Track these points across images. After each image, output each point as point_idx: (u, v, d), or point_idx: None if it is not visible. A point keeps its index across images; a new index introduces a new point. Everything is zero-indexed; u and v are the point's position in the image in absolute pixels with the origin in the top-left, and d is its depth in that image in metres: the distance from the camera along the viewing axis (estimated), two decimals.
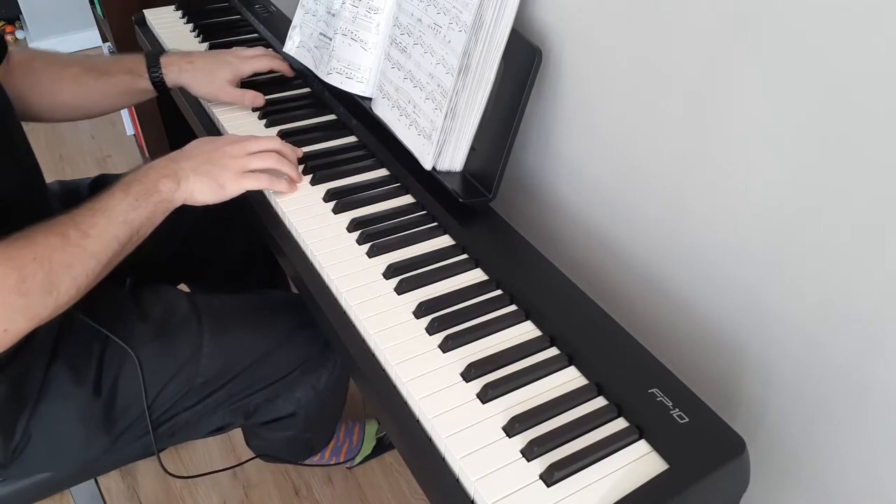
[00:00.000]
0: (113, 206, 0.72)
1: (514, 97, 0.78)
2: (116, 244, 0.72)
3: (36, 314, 0.65)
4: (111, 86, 0.97)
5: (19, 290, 0.63)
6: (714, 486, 0.56)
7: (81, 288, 0.69)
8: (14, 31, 3.04)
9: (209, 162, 0.79)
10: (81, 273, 0.68)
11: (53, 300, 0.66)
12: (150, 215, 0.75)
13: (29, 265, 0.64)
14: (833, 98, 0.53)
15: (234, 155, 0.81)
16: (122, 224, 0.72)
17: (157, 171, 0.77)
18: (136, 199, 0.74)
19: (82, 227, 0.69)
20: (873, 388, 0.58)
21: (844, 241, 0.56)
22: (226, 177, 0.79)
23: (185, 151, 0.80)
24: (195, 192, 0.78)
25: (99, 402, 0.80)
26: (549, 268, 0.75)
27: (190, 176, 0.78)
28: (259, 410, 0.91)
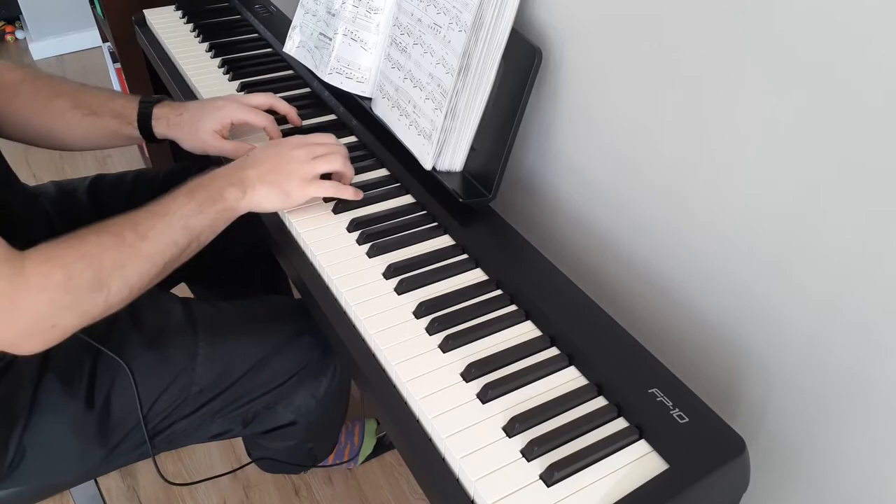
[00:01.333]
0: (174, 211, 0.72)
1: (514, 97, 0.78)
2: (174, 249, 0.71)
3: (85, 311, 0.66)
4: (97, 127, 0.92)
5: (66, 288, 0.63)
6: (714, 486, 0.56)
7: (135, 289, 0.69)
8: (14, 31, 3.04)
9: (276, 170, 0.78)
10: (134, 274, 0.68)
11: (104, 298, 0.66)
12: (212, 223, 0.74)
13: (76, 263, 0.64)
14: (834, 97, 0.53)
15: (301, 160, 0.79)
16: (182, 229, 0.72)
17: (223, 178, 0.76)
18: (200, 205, 0.73)
19: (140, 228, 0.69)
20: (874, 387, 0.58)
21: (845, 240, 0.56)
22: (292, 185, 0.78)
23: (251, 158, 0.79)
24: (261, 200, 0.77)
25: (92, 414, 0.79)
26: (549, 268, 0.75)
27: (256, 185, 0.76)
28: (258, 418, 0.90)
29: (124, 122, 0.92)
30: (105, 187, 1.04)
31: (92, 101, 0.92)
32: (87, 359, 0.80)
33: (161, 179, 1.07)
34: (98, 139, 0.95)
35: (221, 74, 1.13)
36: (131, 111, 0.92)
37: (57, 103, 0.90)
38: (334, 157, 0.81)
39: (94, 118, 0.92)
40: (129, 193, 1.04)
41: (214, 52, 1.19)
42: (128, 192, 1.04)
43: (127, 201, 1.03)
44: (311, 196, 0.80)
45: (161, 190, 1.05)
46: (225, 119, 0.91)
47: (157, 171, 1.10)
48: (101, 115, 0.92)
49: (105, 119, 0.92)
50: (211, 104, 0.93)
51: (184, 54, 1.19)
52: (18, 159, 0.87)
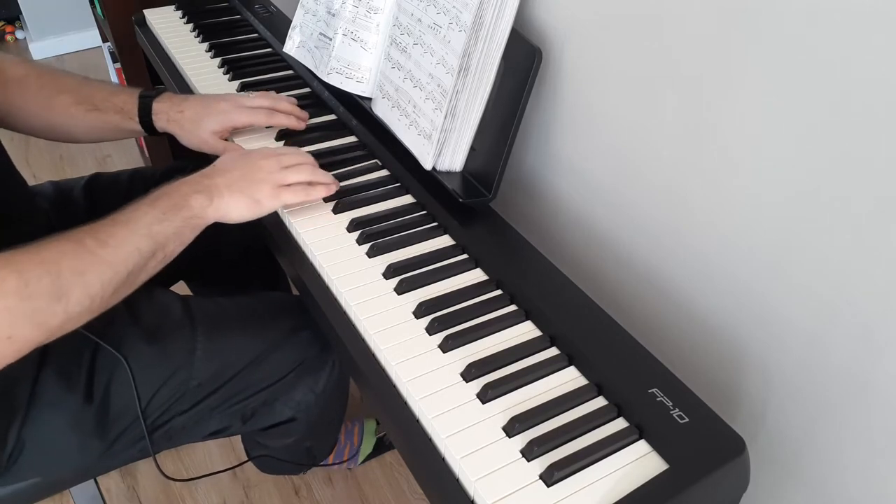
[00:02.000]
0: (136, 218, 0.70)
1: (514, 97, 0.78)
2: (137, 256, 0.69)
3: (43, 321, 0.63)
4: (101, 122, 0.94)
5: (21, 294, 0.60)
6: (714, 486, 0.56)
7: (96, 300, 0.66)
8: (14, 31, 3.04)
9: (244, 178, 0.77)
10: (95, 281, 0.66)
11: (63, 308, 0.63)
12: (177, 231, 0.73)
13: (34, 269, 0.62)
14: (834, 98, 0.53)
15: (270, 169, 0.78)
16: (145, 236, 0.70)
17: (188, 185, 0.75)
18: (163, 213, 0.72)
19: (100, 235, 0.67)
20: (874, 387, 0.58)
21: (845, 240, 0.56)
22: (262, 192, 0.77)
23: (217, 167, 0.78)
24: (230, 209, 0.76)
25: (91, 408, 0.79)
26: (549, 268, 0.75)
27: (224, 192, 0.75)
28: (257, 414, 0.90)
29: (126, 117, 0.94)
30: (102, 186, 1.04)
31: (95, 96, 0.94)
32: (85, 353, 0.80)
33: (157, 178, 1.07)
34: (102, 133, 0.97)
35: (221, 74, 1.13)
36: (132, 106, 0.93)
37: (61, 99, 0.92)
38: (303, 167, 0.81)
39: (98, 113, 0.93)
40: (125, 192, 1.04)
41: (214, 51, 1.19)
42: (124, 191, 1.04)
43: (124, 200, 1.03)
44: (283, 203, 0.79)
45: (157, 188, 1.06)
46: (228, 123, 0.93)
47: (153, 169, 1.11)
48: (104, 111, 0.94)
49: (108, 114, 0.94)
50: (214, 105, 0.93)
51: (184, 54, 1.19)
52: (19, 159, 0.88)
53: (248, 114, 0.93)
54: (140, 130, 0.95)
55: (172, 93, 0.96)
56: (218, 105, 0.93)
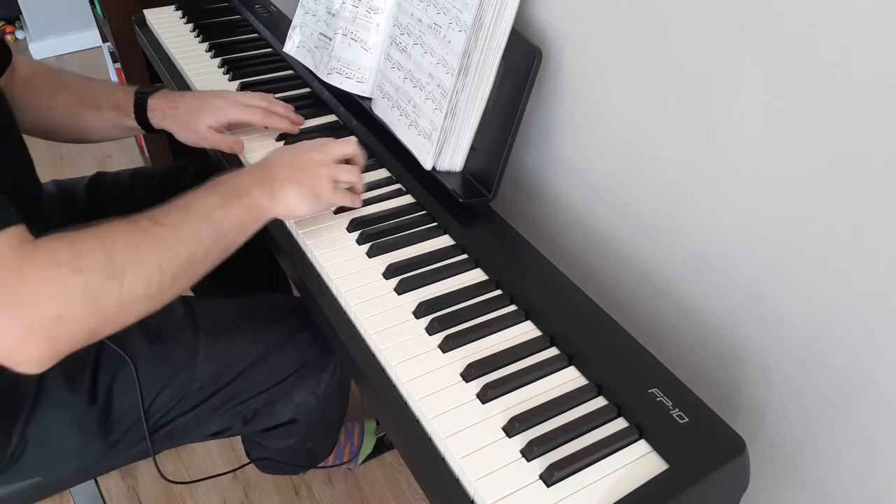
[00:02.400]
0: (194, 202, 0.68)
1: (514, 97, 0.78)
2: (196, 240, 0.66)
3: (97, 301, 0.58)
4: (99, 120, 0.94)
5: (74, 266, 0.57)
6: (714, 486, 0.56)
7: (153, 280, 0.62)
8: (14, 31, 3.04)
9: (301, 169, 0.75)
10: (152, 260, 0.62)
11: (118, 286, 0.59)
12: (239, 219, 0.70)
13: (87, 242, 0.59)
14: (834, 97, 0.53)
15: (322, 162, 0.77)
16: (205, 220, 0.67)
17: (248, 174, 0.73)
18: (224, 199, 0.69)
19: (157, 216, 0.65)
20: (874, 387, 0.58)
21: (845, 240, 0.56)
22: (321, 187, 0.75)
23: (274, 161, 0.76)
24: (292, 204, 0.74)
25: (95, 408, 0.80)
26: (549, 268, 0.75)
27: (286, 185, 0.73)
28: (258, 416, 0.91)
29: (123, 114, 0.94)
30: (103, 185, 1.04)
31: (94, 94, 0.95)
32: (90, 353, 0.81)
33: (158, 178, 1.07)
34: (102, 132, 0.97)
35: (221, 74, 1.13)
36: (129, 103, 0.94)
37: (63, 98, 0.92)
38: (354, 168, 0.81)
39: (97, 112, 0.94)
40: (127, 192, 1.04)
41: (214, 51, 1.19)
42: (126, 191, 1.04)
43: (125, 200, 1.03)
44: (340, 203, 0.79)
45: (159, 188, 1.06)
46: (223, 118, 0.92)
47: (154, 169, 1.11)
48: (102, 109, 0.94)
49: (106, 112, 0.94)
50: (209, 101, 0.93)
51: (184, 54, 1.19)
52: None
53: (244, 111, 0.93)
54: (137, 128, 0.95)
55: (169, 90, 0.97)
56: (213, 101, 0.93)
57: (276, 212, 0.74)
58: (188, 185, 1.08)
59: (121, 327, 0.63)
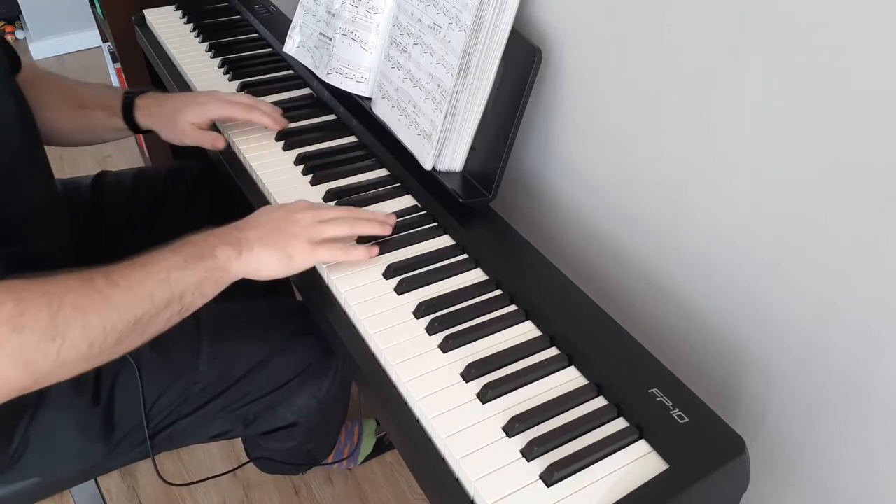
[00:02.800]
0: (155, 262, 0.66)
1: (514, 97, 0.78)
2: (149, 303, 0.63)
3: (31, 360, 0.56)
4: (88, 120, 0.95)
5: (14, 324, 0.55)
6: (714, 486, 0.56)
7: (95, 345, 0.60)
8: (14, 31, 3.04)
9: (277, 230, 0.72)
10: (97, 324, 0.60)
11: (55, 350, 0.57)
12: (198, 282, 0.67)
13: (35, 298, 0.57)
14: (834, 98, 0.53)
15: (306, 223, 0.73)
16: (162, 282, 0.64)
17: (217, 237, 0.70)
18: (185, 260, 0.67)
19: (113, 276, 0.63)
20: (874, 387, 0.58)
21: (845, 240, 0.56)
22: (296, 247, 0.71)
23: (251, 220, 0.74)
24: (259, 264, 0.70)
25: (97, 410, 0.80)
26: (549, 268, 0.75)
27: (254, 246, 0.70)
28: (259, 419, 0.91)
29: (111, 114, 0.95)
30: (107, 184, 1.04)
31: (83, 95, 0.96)
32: None
33: (162, 177, 1.07)
34: (89, 132, 0.98)
35: (221, 74, 1.13)
36: (117, 103, 0.95)
37: (54, 99, 0.93)
38: (342, 221, 0.75)
39: (85, 112, 0.95)
40: (130, 191, 1.04)
41: (214, 52, 1.19)
42: (129, 190, 1.04)
43: (128, 199, 1.03)
44: (318, 261, 0.74)
45: (162, 187, 1.06)
46: (205, 114, 0.93)
47: (157, 168, 1.11)
48: (91, 109, 0.95)
49: (94, 112, 0.95)
50: (193, 98, 0.95)
51: (184, 54, 1.19)
52: None
53: (226, 106, 0.94)
54: (125, 128, 0.96)
55: (158, 91, 0.98)
56: (197, 98, 0.95)
57: (241, 272, 0.71)
58: (191, 184, 1.08)
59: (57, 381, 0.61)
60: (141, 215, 1.03)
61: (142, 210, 1.04)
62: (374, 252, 0.76)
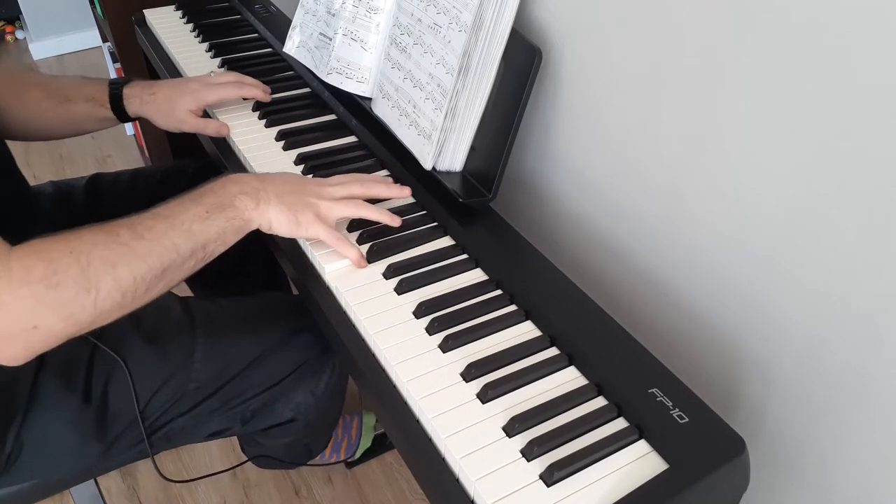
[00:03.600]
0: (178, 213, 0.68)
1: (514, 97, 0.78)
2: (174, 253, 0.66)
3: (71, 313, 0.60)
4: (72, 112, 0.95)
5: (48, 282, 0.58)
6: (714, 486, 0.56)
7: (128, 294, 0.64)
8: (14, 31, 3.04)
9: (295, 192, 0.74)
10: (127, 275, 0.63)
11: (92, 300, 0.61)
12: (220, 232, 0.70)
13: (63, 257, 0.60)
14: (834, 97, 0.53)
15: (321, 196, 0.75)
16: (185, 233, 0.67)
17: (236, 184, 0.73)
18: (207, 211, 0.69)
19: (138, 228, 0.65)
20: (874, 386, 0.58)
21: (845, 239, 0.56)
22: (305, 215, 0.74)
23: (272, 176, 0.76)
24: (272, 218, 0.73)
25: (90, 409, 0.79)
26: (549, 268, 0.75)
27: (272, 199, 0.73)
28: (257, 416, 0.90)
29: (97, 105, 0.95)
30: (103, 186, 1.04)
31: (64, 88, 0.96)
32: (84, 354, 0.80)
33: (158, 177, 1.07)
34: (74, 124, 0.98)
35: None
36: (102, 94, 0.95)
37: (32, 94, 0.93)
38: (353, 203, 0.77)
39: (69, 104, 0.95)
40: (126, 192, 1.04)
41: (214, 52, 1.19)
42: (125, 191, 1.04)
43: (125, 200, 1.03)
44: (319, 236, 0.75)
45: (159, 188, 1.06)
46: (200, 101, 0.96)
47: (154, 169, 1.11)
48: (74, 101, 0.95)
49: (79, 104, 0.95)
50: (184, 86, 0.97)
51: (184, 54, 1.19)
52: (19, 160, 0.88)
53: (218, 90, 0.97)
54: (112, 118, 0.97)
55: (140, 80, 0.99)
56: (188, 85, 0.97)
57: (257, 222, 0.73)
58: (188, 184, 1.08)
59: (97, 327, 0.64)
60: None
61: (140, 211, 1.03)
62: (364, 265, 0.76)
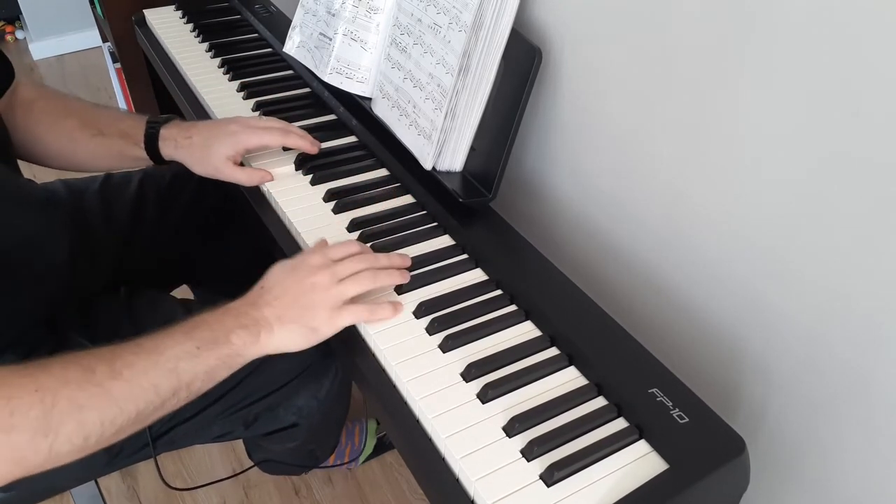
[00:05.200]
0: (164, 349, 0.62)
1: (514, 97, 0.78)
2: (153, 395, 0.60)
3: (21, 457, 0.54)
4: (105, 147, 0.90)
5: (3, 425, 0.53)
6: (714, 486, 0.56)
7: (91, 438, 0.57)
8: (14, 31, 3.04)
9: (296, 304, 0.67)
10: (95, 420, 0.57)
11: (48, 445, 0.55)
12: (209, 370, 0.63)
13: (24, 396, 0.54)
14: (834, 97, 0.53)
15: (325, 287, 0.68)
16: (169, 372, 0.61)
17: (233, 317, 0.66)
18: (198, 347, 0.63)
19: (116, 364, 0.59)
20: (875, 386, 0.58)
21: (845, 239, 0.56)
22: (319, 319, 0.67)
23: (266, 289, 0.69)
24: (280, 343, 0.66)
25: None
26: (549, 268, 0.75)
27: (274, 326, 0.66)
28: (259, 420, 0.90)
29: (131, 143, 0.89)
30: (113, 187, 1.03)
31: (101, 120, 0.90)
32: None
33: (168, 180, 1.07)
34: (105, 160, 0.93)
35: (221, 74, 1.13)
36: (138, 131, 0.89)
37: (67, 122, 0.89)
38: (363, 276, 0.70)
39: (102, 138, 0.90)
40: (135, 194, 1.03)
41: (214, 52, 1.19)
42: (134, 193, 1.03)
43: (133, 202, 1.03)
44: (344, 326, 0.69)
45: (167, 191, 1.05)
46: (239, 145, 0.87)
47: (163, 171, 1.10)
48: (108, 136, 0.90)
49: (112, 139, 0.90)
50: (223, 127, 0.89)
51: (184, 54, 1.19)
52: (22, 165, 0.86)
53: (260, 134, 0.88)
54: (145, 158, 0.90)
55: (181, 119, 0.92)
56: (227, 127, 0.88)
57: (260, 354, 0.67)
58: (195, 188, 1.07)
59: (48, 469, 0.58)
60: (148, 217, 1.02)
61: (149, 212, 1.03)
62: (400, 309, 0.71)
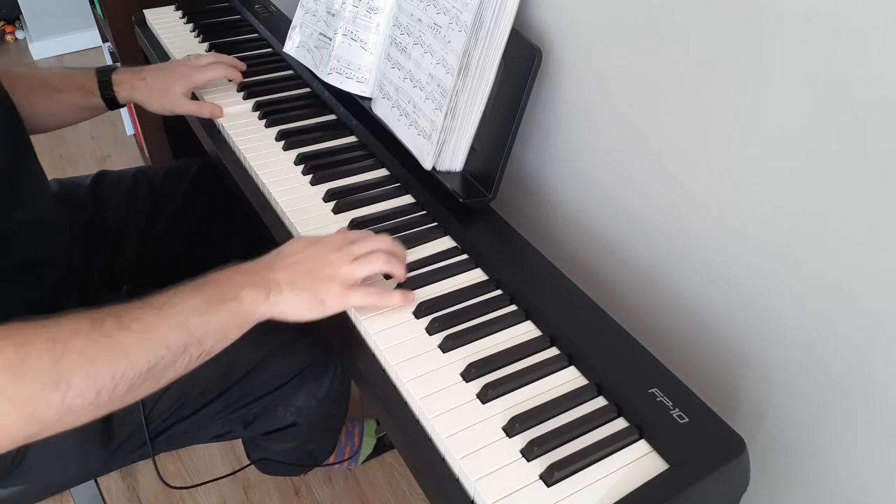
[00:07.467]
0: (173, 304, 0.61)
1: (514, 97, 0.78)
2: (163, 349, 0.59)
3: (33, 411, 0.53)
4: (62, 103, 0.96)
5: (15, 371, 0.52)
6: (714, 486, 0.56)
7: (103, 392, 0.56)
8: (14, 31, 3.04)
9: (309, 273, 0.67)
10: (105, 371, 0.56)
11: (60, 398, 0.53)
12: (220, 326, 0.63)
13: (36, 344, 0.53)
14: (834, 97, 0.53)
15: (339, 263, 0.68)
16: (178, 327, 0.60)
17: (244, 275, 0.66)
18: (207, 302, 0.62)
19: (125, 318, 0.58)
20: (875, 386, 0.58)
21: (846, 239, 0.56)
22: (329, 292, 0.67)
23: (282, 256, 0.69)
24: (288, 307, 0.66)
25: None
26: (549, 268, 0.75)
27: (284, 289, 0.66)
28: (259, 419, 0.90)
29: (87, 94, 0.97)
30: (107, 184, 1.04)
31: (52, 80, 0.97)
32: None
33: (161, 177, 1.07)
34: (64, 114, 0.99)
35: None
36: (91, 82, 0.96)
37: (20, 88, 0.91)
38: (376, 256, 0.70)
39: (58, 95, 0.96)
40: (129, 190, 1.04)
41: (214, 52, 1.19)
42: (128, 189, 1.04)
43: (127, 198, 1.03)
44: (352, 305, 0.70)
45: (161, 187, 1.06)
46: (192, 83, 1.00)
47: (157, 167, 1.11)
48: (64, 91, 0.96)
49: (69, 93, 0.96)
50: (174, 70, 1.00)
51: (184, 54, 1.18)
52: None
53: (206, 71, 1.01)
54: (102, 105, 0.98)
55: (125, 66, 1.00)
56: (177, 69, 1.00)
57: (266, 315, 0.66)
58: (190, 184, 1.08)
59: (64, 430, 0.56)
60: (141, 214, 1.03)
61: (142, 209, 1.04)
62: (411, 298, 0.71)
